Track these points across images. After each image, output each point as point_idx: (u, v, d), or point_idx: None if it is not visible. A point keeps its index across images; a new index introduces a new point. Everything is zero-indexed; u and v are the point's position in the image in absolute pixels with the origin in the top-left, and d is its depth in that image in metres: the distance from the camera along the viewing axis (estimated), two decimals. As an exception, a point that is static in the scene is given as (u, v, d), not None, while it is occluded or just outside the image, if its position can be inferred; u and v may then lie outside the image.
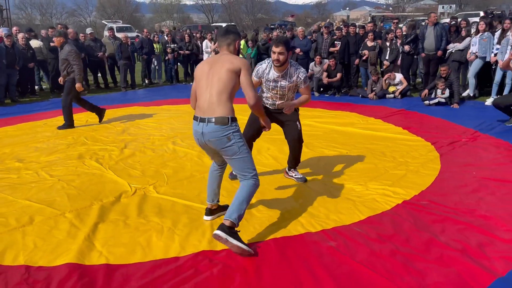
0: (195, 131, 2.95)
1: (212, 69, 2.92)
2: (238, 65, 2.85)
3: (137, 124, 7.19)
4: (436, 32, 8.62)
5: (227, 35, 3.02)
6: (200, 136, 2.91)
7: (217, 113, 2.81)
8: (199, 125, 2.88)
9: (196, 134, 2.95)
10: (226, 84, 2.84)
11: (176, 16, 61.31)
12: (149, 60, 12.40)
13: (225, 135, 2.83)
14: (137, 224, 3.32)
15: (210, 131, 2.83)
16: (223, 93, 2.84)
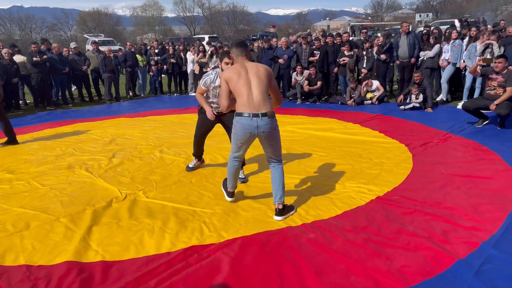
0: (248, 125, 3.42)
1: (249, 73, 3.46)
2: (270, 71, 3.55)
3: (123, 134, 7.38)
4: (409, 41, 9.06)
5: (245, 47, 3.61)
6: (254, 129, 3.43)
7: (266, 109, 3.42)
8: (252, 119, 3.40)
9: (249, 128, 3.43)
10: (265, 85, 3.46)
11: (158, 28, 61.59)
12: (133, 72, 12.61)
13: (274, 125, 3.48)
14: (129, 225, 3.54)
15: (265, 123, 3.41)
16: (264, 93, 3.44)
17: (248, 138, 3.52)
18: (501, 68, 6.43)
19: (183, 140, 6.75)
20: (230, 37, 51.87)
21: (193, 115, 9.06)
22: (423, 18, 47.85)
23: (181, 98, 12.24)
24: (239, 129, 3.48)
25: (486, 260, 2.80)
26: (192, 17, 63.77)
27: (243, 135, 3.49)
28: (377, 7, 64.35)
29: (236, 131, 3.53)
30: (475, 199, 3.83)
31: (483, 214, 3.50)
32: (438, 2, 58.39)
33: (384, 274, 2.68)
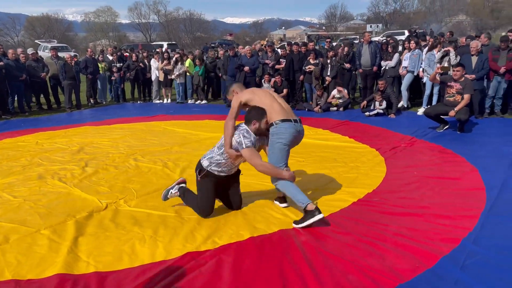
0: (296, 131, 3.59)
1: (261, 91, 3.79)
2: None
3: (91, 143, 7.16)
4: (370, 50, 9.47)
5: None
6: (298, 133, 3.61)
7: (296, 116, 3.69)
8: (295, 124, 3.60)
9: (296, 133, 3.59)
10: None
11: (112, 35, 60.09)
12: (94, 79, 12.25)
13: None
14: (118, 235, 3.46)
15: (302, 129, 3.73)
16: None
17: (294, 142, 3.60)
18: (459, 76, 6.87)
19: (156, 148, 6.65)
20: (187, 45, 51.54)
21: (161, 122, 8.96)
22: (374, 29, 49.94)
23: (145, 106, 12.03)
24: (286, 134, 3.50)
25: (469, 256, 2.99)
26: (148, 24, 62.78)
27: (291, 139, 3.57)
28: (330, 18, 66.40)
29: (282, 138, 3.51)
30: (449, 198, 4.07)
31: (458, 212, 3.73)
32: (387, 14, 61.19)
33: (379, 272, 2.80)
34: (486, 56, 7.86)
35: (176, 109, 11.06)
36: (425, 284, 2.66)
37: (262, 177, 4.08)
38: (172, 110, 10.87)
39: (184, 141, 7.08)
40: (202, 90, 12.09)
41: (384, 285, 2.66)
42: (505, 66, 7.66)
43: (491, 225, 3.45)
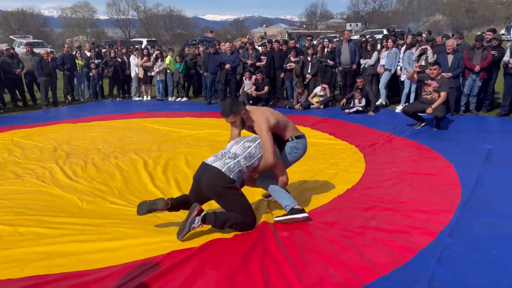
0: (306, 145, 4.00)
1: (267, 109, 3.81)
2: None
3: (69, 141, 7.05)
4: (350, 48, 9.59)
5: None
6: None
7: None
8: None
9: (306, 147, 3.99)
10: None
11: (89, 31, 58.95)
12: (72, 76, 12.02)
13: None
14: (100, 233, 3.43)
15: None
16: None
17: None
18: (436, 75, 7.03)
19: (136, 145, 6.60)
20: (167, 41, 51.03)
21: (141, 120, 8.88)
22: (353, 28, 50.54)
23: (124, 103, 11.89)
24: (302, 149, 3.87)
25: (445, 248, 3.09)
26: (127, 20, 61.81)
27: (303, 154, 3.95)
28: (311, 16, 66.79)
29: (298, 152, 3.86)
30: (426, 194, 4.19)
31: (435, 207, 3.84)
32: (367, 13, 61.97)
33: (358, 266, 2.87)
34: (462, 55, 8.07)
35: (156, 106, 10.97)
36: (403, 277, 2.74)
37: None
38: (152, 107, 10.78)
39: (165, 139, 7.04)
40: (183, 87, 12.01)
41: (363, 278, 2.72)
42: (479, 65, 7.88)
43: (466, 218, 3.57)
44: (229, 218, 3.31)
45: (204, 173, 3.36)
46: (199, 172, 3.44)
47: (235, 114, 3.48)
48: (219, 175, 3.28)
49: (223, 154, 3.47)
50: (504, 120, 7.68)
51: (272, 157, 3.43)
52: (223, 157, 3.43)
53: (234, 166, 3.35)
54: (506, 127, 7.20)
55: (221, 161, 3.39)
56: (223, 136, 7.04)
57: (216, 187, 3.29)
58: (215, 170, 3.31)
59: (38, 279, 2.76)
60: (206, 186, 3.32)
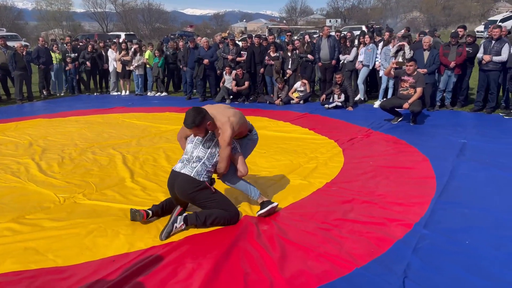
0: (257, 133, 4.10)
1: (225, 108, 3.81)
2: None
3: (45, 136, 6.90)
4: (329, 44, 9.66)
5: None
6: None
7: None
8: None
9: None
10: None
11: (65, 24, 57.55)
12: (47, 70, 11.75)
13: None
14: (78, 229, 3.39)
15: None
16: None
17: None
18: (412, 71, 7.17)
19: (114, 140, 6.51)
20: (146, 35, 50.31)
21: (119, 115, 8.76)
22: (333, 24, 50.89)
23: (102, 98, 11.69)
24: (256, 139, 4.00)
25: (420, 239, 3.18)
26: (104, 13, 60.61)
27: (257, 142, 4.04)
28: (291, 12, 66.93)
29: (254, 142, 3.99)
30: (402, 187, 4.28)
31: (411, 199, 3.93)
32: (346, 9, 62.49)
33: (336, 257, 2.92)
34: (437, 52, 8.24)
35: (134, 101, 10.83)
36: (380, 267, 2.81)
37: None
38: (131, 102, 10.64)
39: (144, 134, 6.97)
40: (162, 82, 11.89)
41: (341, 269, 2.78)
42: (454, 61, 8.07)
43: (440, 210, 3.67)
44: (211, 214, 3.38)
45: (175, 181, 3.45)
46: (171, 179, 3.51)
47: (198, 126, 3.37)
48: (188, 181, 3.38)
49: (188, 159, 3.50)
50: (478, 115, 7.90)
51: (224, 168, 3.56)
52: (189, 162, 3.48)
53: (201, 170, 3.44)
54: (479, 121, 7.41)
55: (188, 166, 3.45)
56: (203, 131, 7.02)
57: (188, 193, 3.39)
58: (184, 177, 3.40)
59: (14, 275, 2.71)
60: (179, 192, 3.43)
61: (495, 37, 7.78)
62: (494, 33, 7.82)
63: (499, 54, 7.67)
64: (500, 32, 7.83)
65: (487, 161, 5.03)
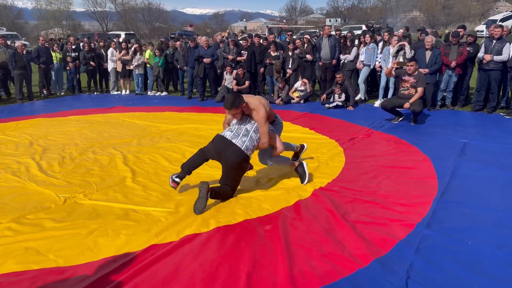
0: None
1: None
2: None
3: (45, 136, 6.89)
4: (330, 43, 9.65)
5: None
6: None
7: None
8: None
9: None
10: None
11: (65, 23, 57.49)
12: (47, 69, 11.73)
13: None
14: (79, 229, 3.37)
15: None
16: None
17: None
18: (413, 71, 7.16)
19: (115, 140, 6.50)
20: (146, 35, 50.28)
21: (120, 114, 8.75)
22: (333, 23, 50.89)
23: (102, 97, 11.68)
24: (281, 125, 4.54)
25: (422, 239, 3.17)
26: (104, 13, 60.53)
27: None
28: (291, 11, 66.92)
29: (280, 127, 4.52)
30: (404, 186, 4.27)
31: (413, 199, 3.93)
32: (346, 9, 62.47)
33: (339, 258, 2.92)
34: (439, 51, 8.23)
35: (135, 100, 10.82)
36: (382, 267, 2.80)
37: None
38: (131, 101, 10.63)
39: (144, 133, 6.96)
40: (162, 82, 11.88)
41: (344, 270, 2.77)
42: (455, 61, 8.06)
43: (442, 210, 3.67)
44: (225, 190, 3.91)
45: (226, 148, 3.84)
46: (220, 144, 3.90)
47: (237, 107, 3.88)
48: (238, 153, 3.82)
49: (237, 131, 3.95)
50: (478, 115, 7.89)
51: (267, 142, 4.04)
52: (238, 135, 3.92)
53: (249, 144, 3.91)
54: (480, 121, 7.40)
55: (238, 138, 3.89)
56: (203, 130, 7.01)
57: (234, 162, 3.82)
58: (235, 148, 3.83)
59: (15, 276, 2.70)
60: (226, 159, 3.84)
61: (496, 36, 7.77)
62: (495, 32, 7.81)
63: (500, 53, 7.66)
64: (501, 31, 7.82)
65: (489, 161, 5.02)
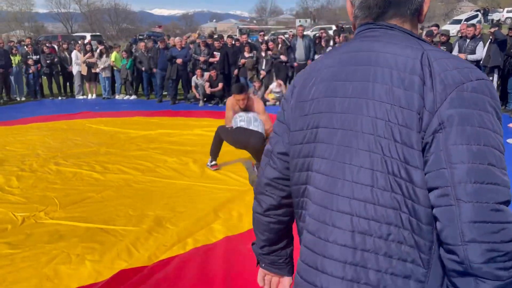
0: None
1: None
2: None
3: (3, 146, 6.34)
4: (305, 44, 9.48)
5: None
6: None
7: None
8: None
9: None
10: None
11: (27, 25, 55.33)
12: (6, 74, 11.00)
13: None
14: (37, 255, 2.97)
15: None
16: None
17: None
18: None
19: (81, 149, 6.05)
20: (113, 36, 49.00)
21: (85, 120, 8.24)
22: (303, 24, 51.21)
23: (67, 102, 11.07)
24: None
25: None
26: (68, 14, 58.64)
27: None
28: (261, 12, 66.93)
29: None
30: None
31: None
32: (315, 9, 62.99)
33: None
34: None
35: (102, 105, 10.28)
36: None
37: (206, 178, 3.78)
38: (98, 106, 10.08)
39: (112, 141, 6.52)
40: (131, 85, 11.38)
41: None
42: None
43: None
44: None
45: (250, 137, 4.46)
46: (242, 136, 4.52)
47: (246, 93, 4.71)
48: (260, 137, 4.48)
49: (248, 120, 4.59)
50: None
51: (271, 127, 4.43)
52: (250, 122, 4.57)
53: (261, 128, 4.57)
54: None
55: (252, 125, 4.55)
56: (176, 136, 6.64)
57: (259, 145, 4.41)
58: (258, 134, 4.50)
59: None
60: (255, 146, 4.46)
61: (469, 35, 7.78)
62: (468, 31, 7.82)
63: (474, 52, 7.67)
64: (474, 30, 7.84)
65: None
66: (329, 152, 0.92)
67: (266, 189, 1.08)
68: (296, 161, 0.99)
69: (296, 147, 0.99)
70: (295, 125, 1.00)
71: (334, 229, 0.89)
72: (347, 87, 0.92)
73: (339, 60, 0.97)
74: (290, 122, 1.02)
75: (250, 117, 4.65)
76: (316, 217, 0.92)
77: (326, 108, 0.94)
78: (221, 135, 4.82)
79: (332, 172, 0.91)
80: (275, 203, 1.08)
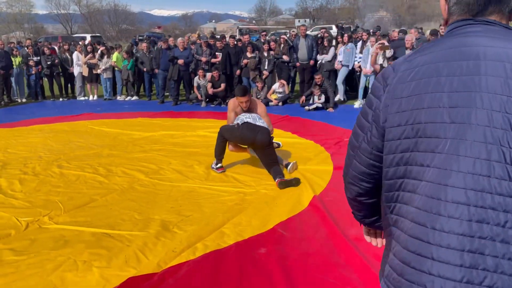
0: None
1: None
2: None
3: (5, 148, 6.26)
4: (307, 44, 9.39)
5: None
6: None
7: None
8: None
9: None
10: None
11: (27, 26, 55.24)
12: (7, 75, 10.92)
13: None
14: (43, 262, 2.90)
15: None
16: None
17: None
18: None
19: (83, 151, 5.97)
20: (113, 37, 48.93)
21: (87, 122, 8.16)
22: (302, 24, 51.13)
23: (68, 104, 10.98)
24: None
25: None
26: (68, 15, 58.55)
27: None
28: (260, 12, 66.81)
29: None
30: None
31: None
32: (314, 9, 62.88)
33: (345, 283, 2.58)
34: (418, 50, 8.09)
35: (103, 106, 10.20)
36: None
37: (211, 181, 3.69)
38: (100, 107, 10.01)
39: (115, 142, 6.45)
40: (132, 85, 11.30)
41: (354, 299, 2.44)
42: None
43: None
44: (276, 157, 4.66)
45: (258, 133, 4.45)
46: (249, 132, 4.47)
47: (249, 94, 4.84)
48: (268, 133, 4.51)
49: (253, 117, 4.65)
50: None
51: (273, 129, 4.88)
52: (256, 120, 4.63)
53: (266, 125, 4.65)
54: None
55: (258, 122, 4.60)
56: (180, 137, 6.57)
57: (268, 141, 4.49)
58: (265, 130, 4.53)
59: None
60: (263, 141, 4.46)
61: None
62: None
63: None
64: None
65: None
66: (440, 145, 0.94)
67: (354, 180, 1.21)
68: (393, 156, 1.03)
69: (392, 143, 1.03)
70: (392, 122, 1.03)
71: (449, 219, 0.92)
72: (453, 82, 0.95)
73: (441, 56, 1.00)
74: (382, 119, 1.06)
75: (254, 116, 4.70)
76: (427, 209, 0.95)
77: (429, 104, 0.97)
78: (225, 135, 4.71)
79: (444, 165, 0.94)
80: (362, 192, 1.21)
